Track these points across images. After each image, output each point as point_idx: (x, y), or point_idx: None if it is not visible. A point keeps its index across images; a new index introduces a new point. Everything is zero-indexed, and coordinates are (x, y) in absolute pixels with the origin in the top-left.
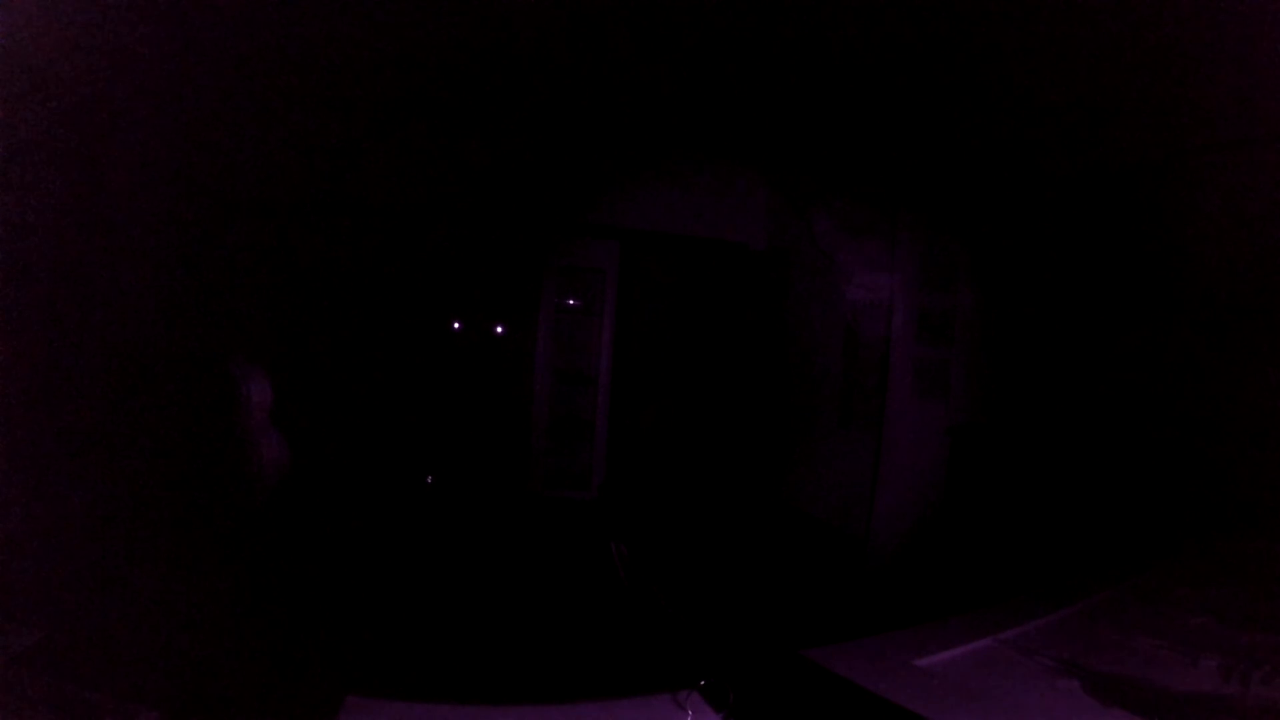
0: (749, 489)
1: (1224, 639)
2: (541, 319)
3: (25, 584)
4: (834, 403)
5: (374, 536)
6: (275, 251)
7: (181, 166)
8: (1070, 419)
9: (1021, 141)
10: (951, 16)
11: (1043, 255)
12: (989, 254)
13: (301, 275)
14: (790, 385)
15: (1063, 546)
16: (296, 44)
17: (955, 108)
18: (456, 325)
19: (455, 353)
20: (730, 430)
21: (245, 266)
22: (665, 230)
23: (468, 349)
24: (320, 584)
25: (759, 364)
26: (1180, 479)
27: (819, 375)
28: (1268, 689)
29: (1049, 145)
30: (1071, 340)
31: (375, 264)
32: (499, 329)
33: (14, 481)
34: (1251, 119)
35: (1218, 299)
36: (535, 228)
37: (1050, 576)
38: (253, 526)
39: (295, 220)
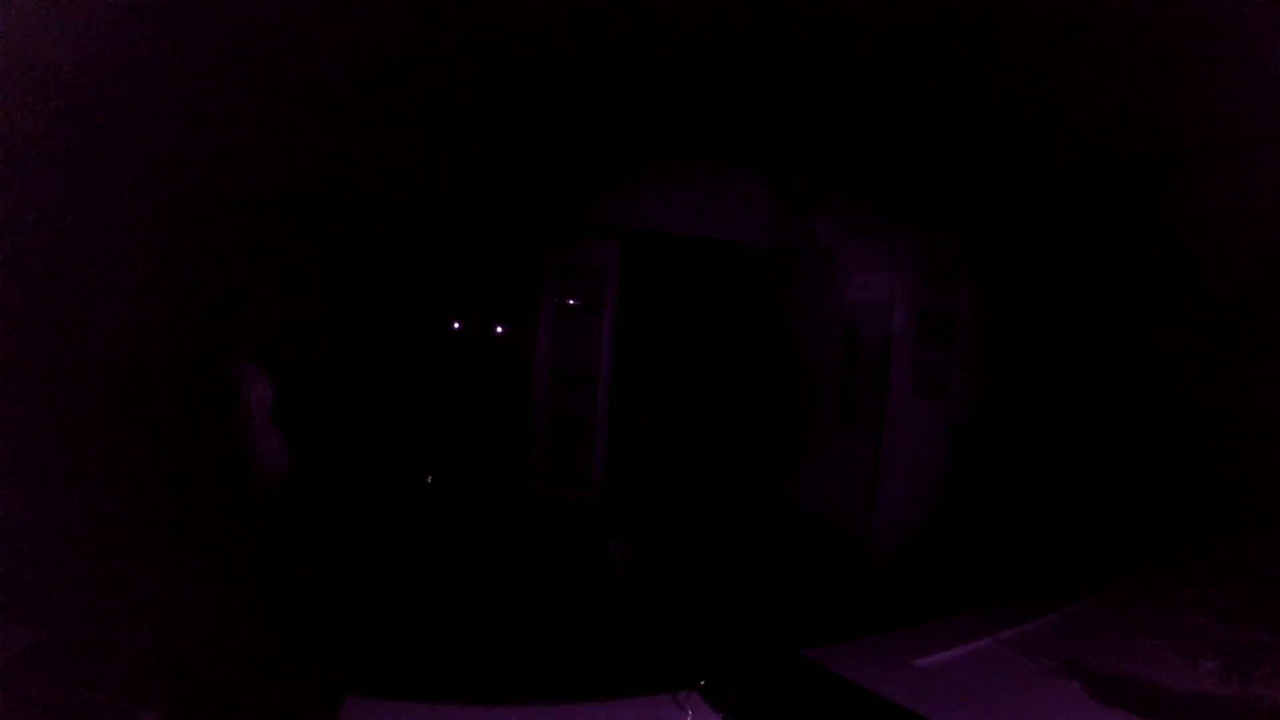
0: (749, 489)
1: (1224, 639)
2: (541, 319)
3: (25, 584)
4: (834, 403)
5: (374, 536)
6: (275, 251)
7: (181, 166)
8: (1070, 419)
9: (1022, 141)
10: (952, 16)
11: (1043, 255)
12: (989, 253)
13: (302, 275)
14: (790, 385)
15: (1063, 546)
16: (296, 44)
17: (955, 107)
18: (456, 325)
19: (455, 353)
20: (730, 430)
21: (245, 266)
22: (665, 230)
23: (468, 349)
24: (320, 584)
25: (759, 364)
26: (1180, 479)
27: (819, 374)
28: (1268, 689)
29: (1049, 145)
30: (1071, 340)
31: (375, 264)
32: (499, 329)
33: (14, 481)
34: (1251, 119)
35: (1218, 299)
36: (535, 228)
37: (1050, 576)
38: (253, 527)
39: (295, 220)
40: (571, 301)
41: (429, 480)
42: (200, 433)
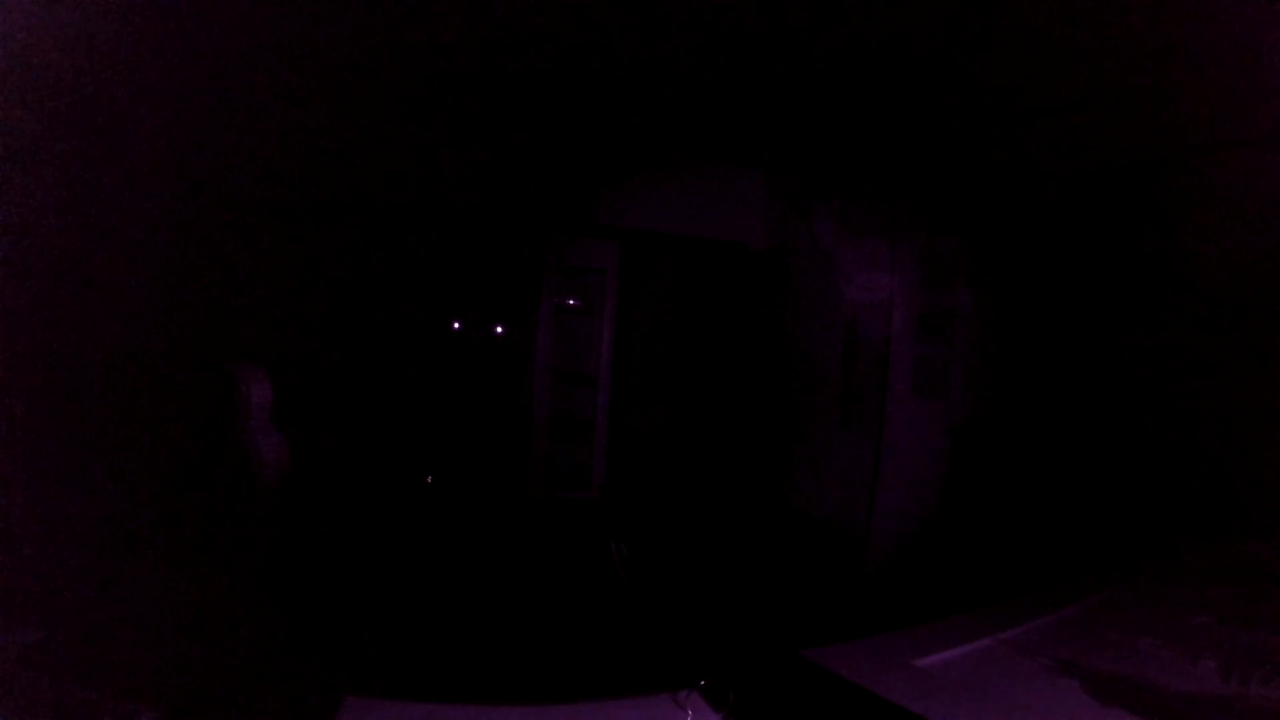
0: (749, 489)
1: (1224, 639)
2: (541, 319)
3: (25, 584)
4: (834, 403)
5: (374, 536)
6: (275, 251)
7: (181, 166)
8: (1070, 418)
9: (1021, 141)
10: (951, 15)
11: (1043, 255)
12: (989, 253)
13: (302, 275)
14: (790, 385)
15: (1063, 546)
16: (297, 43)
17: (955, 107)
18: (456, 325)
19: (455, 353)
20: (730, 430)
21: (245, 266)
22: (665, 230)
23: (468, 349)
24: (320, 584)
25: (759, 364)
26: (1180, 479)
27: (819, 375)
28: (1268, 689)
29: (1049, 145)
30: (1071, 339)
31: (375, 264)
32: (499, 329)
33: (14, 481)
34: (1251, 119)
35: (1218, 299)
36: (535, 228)
37: (1050, 576)
38: (253, 526)
39: (295, 220)
40: (571, 301)
41: (429, 480)
42: (200, 433)
